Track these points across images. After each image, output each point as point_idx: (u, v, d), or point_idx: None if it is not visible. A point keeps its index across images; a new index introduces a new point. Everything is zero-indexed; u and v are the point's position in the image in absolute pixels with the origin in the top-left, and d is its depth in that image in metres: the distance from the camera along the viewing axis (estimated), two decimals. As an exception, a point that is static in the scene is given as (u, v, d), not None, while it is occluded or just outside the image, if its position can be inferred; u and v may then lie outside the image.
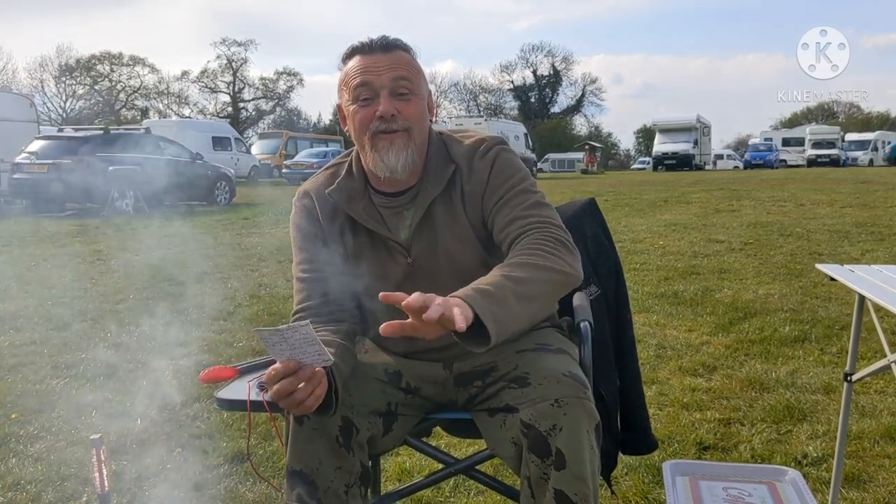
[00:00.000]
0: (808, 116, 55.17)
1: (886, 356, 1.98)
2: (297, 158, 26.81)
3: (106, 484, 1.67)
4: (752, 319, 4.36)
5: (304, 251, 1.54)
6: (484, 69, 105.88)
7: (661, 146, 38.07)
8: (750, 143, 45.26)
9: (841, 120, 54.04)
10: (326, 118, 55.78)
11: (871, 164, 36.82)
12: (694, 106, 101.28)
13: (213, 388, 1.79)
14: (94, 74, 52.72)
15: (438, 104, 55.93)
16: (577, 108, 61.35)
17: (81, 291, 5.61)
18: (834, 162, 35.95)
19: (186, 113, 53.01)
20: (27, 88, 45.37)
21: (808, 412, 2.87)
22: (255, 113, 57.68)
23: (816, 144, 38.94)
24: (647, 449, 1.92)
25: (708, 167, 39.05)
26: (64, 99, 51.24)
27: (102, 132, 14.96)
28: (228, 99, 56.70)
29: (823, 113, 56.51)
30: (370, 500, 1.49)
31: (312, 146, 32.55)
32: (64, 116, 48.27)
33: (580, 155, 43.81)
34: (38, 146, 13.66)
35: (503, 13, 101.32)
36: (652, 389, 3.16)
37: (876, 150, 39.43)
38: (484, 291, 1.24)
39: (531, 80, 60.60)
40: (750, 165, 36.91)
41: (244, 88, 56.97)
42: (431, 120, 1.55)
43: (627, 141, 69.67)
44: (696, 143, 37.82)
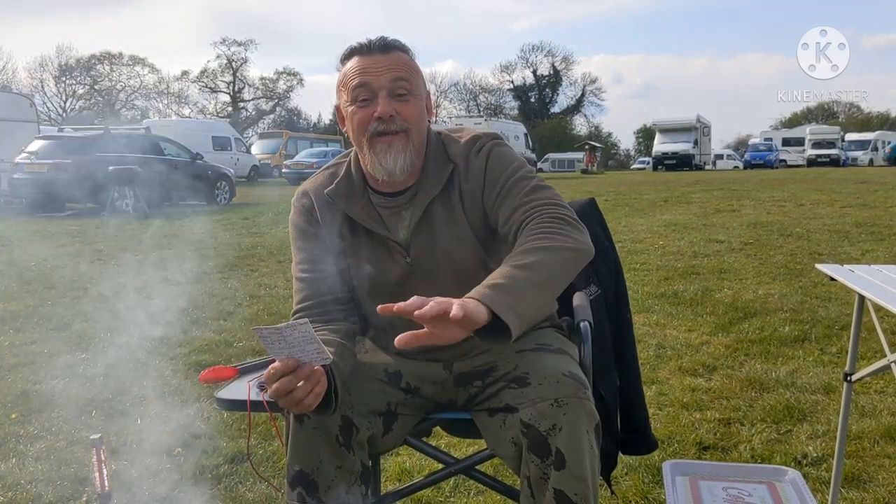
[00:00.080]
0: (808, 116, 55.17)
1: (886, 356, 1.98)
2: (297, 158, 26.79)
3: (106, 484, 1.67)
4: (752, 319, 4.37)
5: (303, 251, 1.54)
6: (484, 69, 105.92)
7: (661, 146, 38.07)
8: (750, 143, 45.25)
9: (841, 120, 54.05)
10: (326, 118, 55.82)
11: (871, 164, 36.82)
12: (694, 106, 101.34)
13: (213, 388, 1.79)
14: (93, 74, 52.79)
15: (438, 104, 55.95)
16: (577, 108, 61.39)
17: (81, 291, 5.61)
18: (834, 162, 35.95)
19: (186, 113, 53.11)
20: (27, 88, 45.49)
21: (807, 412, 2.87)
22: (255, 113, 57.71)
23: (816, 144, 38.95)
24: (646, 449, 1.92)
25: (708, 167, 39.06)
26: (64, 99, 51.33)
27: (102, 132, 14.96)
28: (228, 99, 56.77)
29: (823, 113, 56.52)
30: (370, 499, 1.49)
31: (312, 146, 32.54)
32: (64, 116, 48.29)
33: (580, 155, 43.77)
34: (38, 146, 13.67)
35: (503, 13, 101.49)
36: (652, 389, 3.16)
37: (876, 150, 39.43)
38: (495, 285, 1.22)
39: (531, 80, 60.65)
40: (750, 165, 36.91)
41: (244, 88, 57.06)
42: (430, 120, 1.55)
43: (627, 141, 69.67)
44: (696, 143, 37.82)
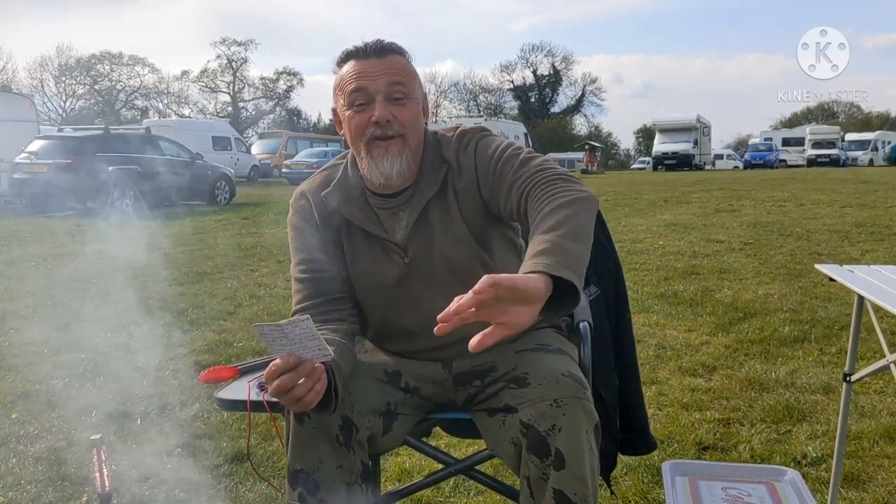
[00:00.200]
0: (808, 116, 55.16)
1: (885, 356, 1.98)
2: (297, 158, 26.82)
3: (106, 484, 1.67)
4: (751, 319, 4.37)
5: (301, 252, 1.55)
6: (484, 69, 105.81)
7: (661, 146, 38.07)
8: (750, 143, 45.23)
9: (841, 120, 54.03)
10: (326, 118, 55.65)
11: (871, 164, 36.82)
12: (694, 106, 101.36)
13: (213, 388, 1.79)
14: (94, 74, 52.79)
15: (438, 104, 56.01)
16: (577, 108, 61.37)
17: (81, 291, 5.61)
18: (834, 162, 35.95)
19: (186, 113, 53.10)
20: (27, 88, 45.48)
21: (807, 412, 2.88)
22: (255, 113, 57.72)
23: (816, 144, 38.95)
24: (646, 449, 1.92)
25: (708, 167, 39.06)
26: (64, 99, 51.36)
27: (102, 132, 14.95)
28: (228, 99, 56.79)
29: (823, 113, 56.49)
30: (371, 499, 1.49)
31: (312, 146, 32.57)
32: (64, 116, 48.31)
33: (580, 155, 43.74)
34: (38, 146, 13.65)
35: (503, 13, 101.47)
36: (652, 389, 3.16)
37: (876, 150, 39.43)
38: (538, 253, 1.17)
39: (531, 80, 60.63)
40: (750, 165, 36.91)
41: (244, 88, 57.08)
42: (426, 122, 1.55)
43: (627, 141, 69.59)
44: (696, 143, 37.82)
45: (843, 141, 40.37)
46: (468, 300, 1.05)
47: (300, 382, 1.23)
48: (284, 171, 26.70)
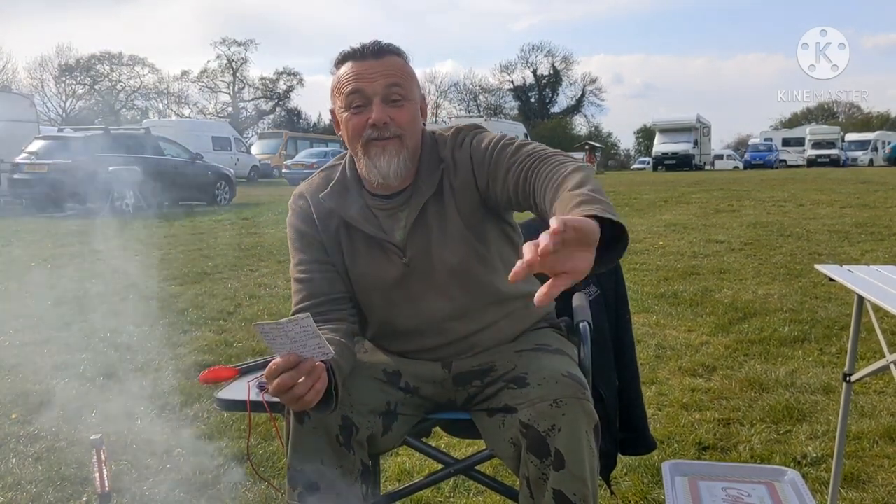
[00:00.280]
0: (808, 116, 55.16)
1: (885, 356, 1.98)
2: (297, 158, 26.82)
3: (106, 484, 1.67)
4: (751, 320, 4.37)
5: (301, 252, 1.55)
6: (484, 69, 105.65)
7: (661, 146, 38.08)
8: (750, 143, 45.24)
9: (841, 120, 54.03)
10: (326, 118, 55.59)
11: (871, 164, 36.82)
12: (694, 106, 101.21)
13: (213, 388, 1.79)
14: (94, 74, 52.75)
15: (438, 104, 56.01)
16: (577, 108, 61.32)
17: (82, 291, 5.61)
18: (834, 162, 35.96)
19: (186, 113, 53.09)
20: (27, 88, 45.44)
21: (807, 412, 2.88)
22: (255, 113, 57.72)
23: (816, 144, 38.96)
24: (645, 449, 1.92)
25: (708, 167, 39.05)
26: (64, 99, 51.32)
27: (102, 132, 14.95)
28: (228, 99, 56.78)
29: (823, 113, 56.49)
30: (371, 499, 1.49)
31: (312, 146, 32.59)
32: (64, 116, 48.29)
33: (580, 155, 43.67)
34: (38, 146, 13.66)
35: (503, 13, 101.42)
36: (651, 390, 3.16)
37: (876, 150, 39.43)
38: (579, 202, 1.11)
39: (531, 80, 60.60)
40: (750, 165, 36.91)
41: (244, 88, 57.06)
42: (424, 122, 1.55)
43: (627, 141, 69.58)
44: (696, 143, 37.82)
45: (843, 141, 40.37)
46: (549, 241, 0.92)
47: (300, 381, 1.23)
48: (284, 171, 26.70)
